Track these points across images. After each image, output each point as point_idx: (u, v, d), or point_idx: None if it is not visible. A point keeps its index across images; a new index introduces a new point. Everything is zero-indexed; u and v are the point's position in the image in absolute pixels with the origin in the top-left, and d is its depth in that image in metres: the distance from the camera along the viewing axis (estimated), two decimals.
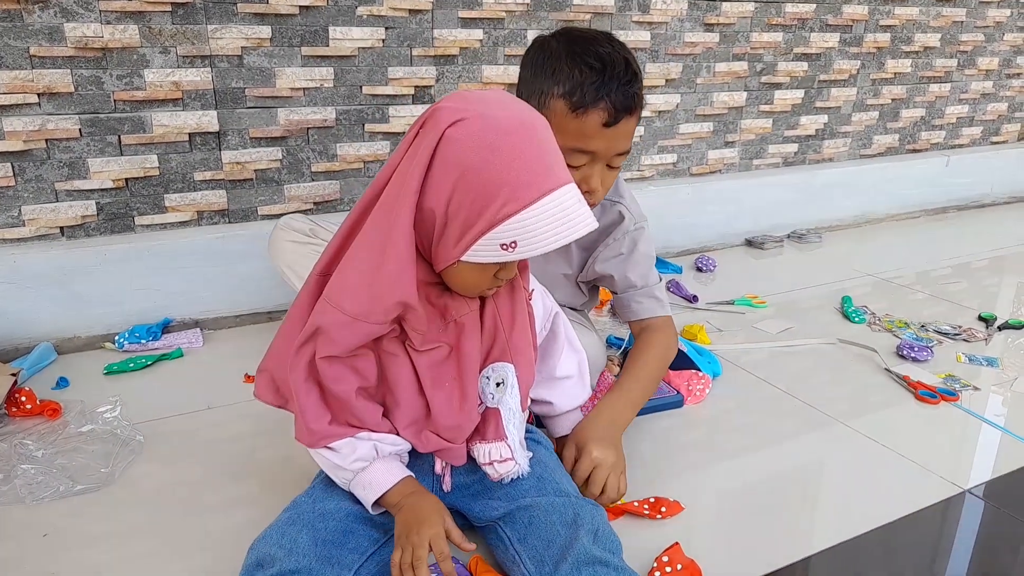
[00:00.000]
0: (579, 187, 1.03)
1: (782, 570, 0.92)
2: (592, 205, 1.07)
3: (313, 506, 0.87)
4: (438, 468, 0.93)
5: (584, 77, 1.02)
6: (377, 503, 0.87)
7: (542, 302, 1.00)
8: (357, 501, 0.88)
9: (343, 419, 0.86)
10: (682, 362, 1.37)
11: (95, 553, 0.93)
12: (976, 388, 1.39)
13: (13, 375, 1.25)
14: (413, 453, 0.91)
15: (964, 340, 1.61)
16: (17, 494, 1.02)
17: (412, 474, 0.89)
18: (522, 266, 0.93)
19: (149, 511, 1.01)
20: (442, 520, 0.83)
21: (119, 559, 0.92)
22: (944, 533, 1.03)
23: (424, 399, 0.88)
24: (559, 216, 0.76)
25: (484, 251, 0.77)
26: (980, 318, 1.73)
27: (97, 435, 1.17)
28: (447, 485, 0.93)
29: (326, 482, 0.91)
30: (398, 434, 0.89)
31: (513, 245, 0.76)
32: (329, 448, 0.86)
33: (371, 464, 0.87)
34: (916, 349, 1.50)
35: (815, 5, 2.24)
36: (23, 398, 1.23)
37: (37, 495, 1.02)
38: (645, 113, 2.06)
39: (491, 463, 0.90)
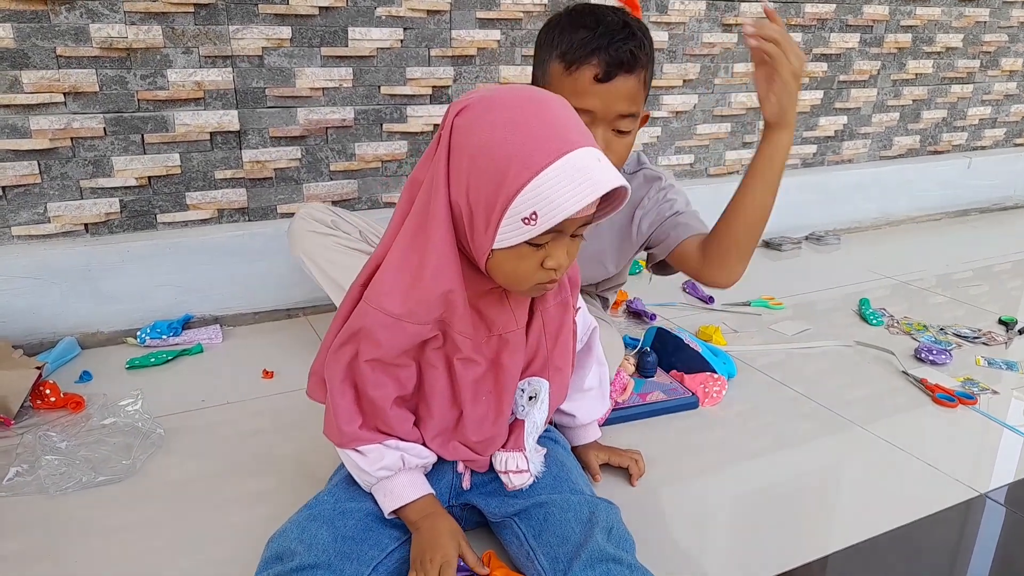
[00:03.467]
0: None
1: (797, 570, 0.92)
2: None
3: (335, 505, 0.87)
4: (460, 467, 0.93)
5: (576, 35, 1.05)
6: (394, 511, 0.87)
7: (583, 318, 1.00)
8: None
9: (373, 425, 0.86)
10: (697, 363, 1.37)
11: (115, 544, 0.95)
12: (995, 392, 1.38)
13: (38, 368, 1.28)
14: None
15: (984, 343, 1.59)
16: (41, 484, 1.04)
17: (433, 492, 0.89)
18: (573, 282, 0.93)
19: (169, 504, 1.03)
20: (456, 547, 0.84)
21: (139, 551, 0.94)
22: (962, 537, 1.02)
23: (456, 411, 0.88)
24: (575, 176, 0.71)
25: (509, 232, 0.73)
26: (1000, 322, 1.71)
27: (119, 428, 1.19)
28: (467, 483, 0.94)
29: (348, 481, 0.91)
30: (425, 444, 0.89)
31: (534, 216, 0.71)
32: (357, 451, 0.87)
33: (396, 474, 0.87)
34: (934, 352, 1.49)
35: (835, 5, 2.23)
36: (47, 391, 1.26)
37: (60, 486, 1.04)
38: (662, 113, 2.07)
39: (507, 472, 0.90)
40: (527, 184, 0.71)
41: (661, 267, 1.29)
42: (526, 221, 0.72)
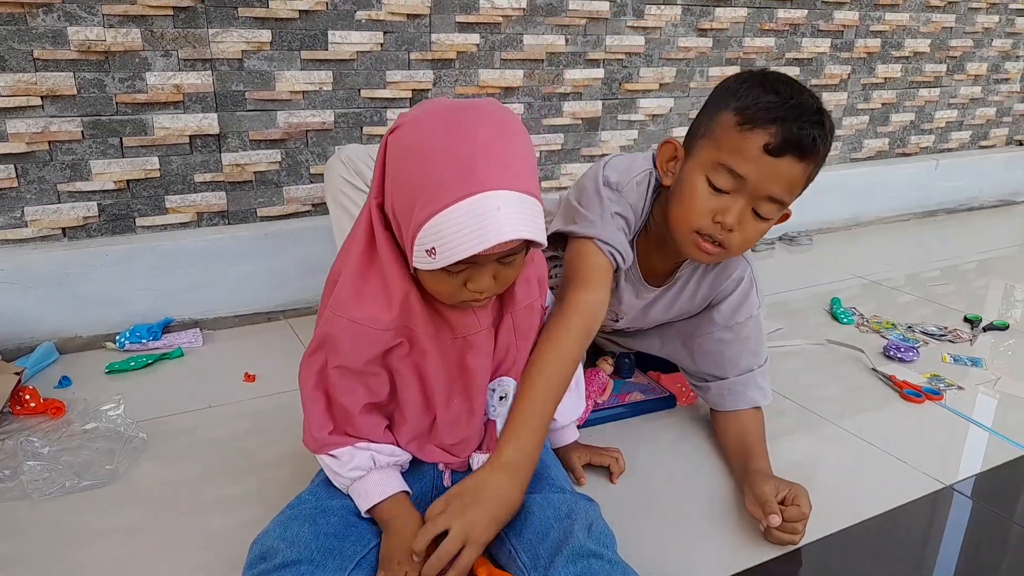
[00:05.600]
0: (712, 219, 0.98)
1: (771, 561, 0.95)
2: (723, 250, 1.02)
3: (316, 504, 0.89)
4: (441, 465, 0.95)
5: (764, 97, 0.95)
6: (368, 511, 0.89)
7: None
8: None
9: (343, 430, 0.88)
10: (673, 363, 1.40)
11: (99, 549, 0.95)
12: (960, 388, 1.43)
13: (17, 374, 1.27)
14: None
15: (950, 341, 1.64)
16: (24, 490, 1.04)
17: (405, 489, 0.91)
18: (541, 283, 0.94)
19: (151, 508, 1.03)
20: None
21: (122, 556, 0.94)
22: (929, 526, 1.06)
23: (430, 415, 0.90)
24: (471, 222, 0.71)
25: (419, 258, 0.75)
26: (966, 319, 1.77)
27: (101, 433, 1.19)
28: (447, 481, 0.96)
29: (329, 481, 0.93)
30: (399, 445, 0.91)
31: (433, 252, 0.73)
32: (331, 455, 0.88)
33: (367, 474, 0.89)
34: (902, 350, 1.53)
35: (807, 11, 2.28)
36: (27, 396, 1.25)
37: (44, 491, 1.04)
38: (639, 117, 2.10)
39: None
40: (427, 222, 0.72)
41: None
42: (429, 253, 0.73)
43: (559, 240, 1.12)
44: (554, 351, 0.96)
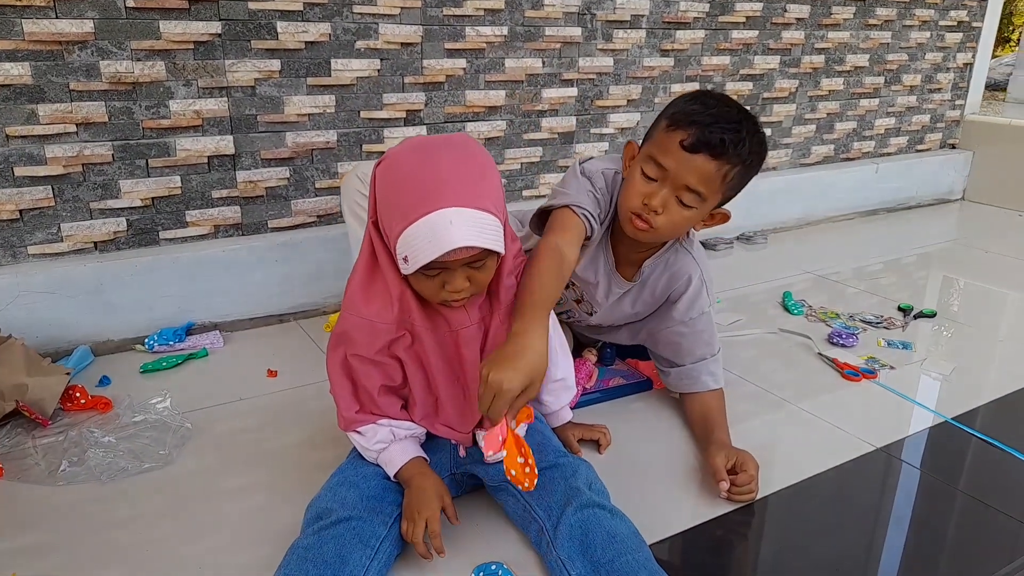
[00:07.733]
0: (643, 201, 1.19)
1: (734, 512, 1.16)
2: (652, 229, 1.21)
3: (356, 471, 1.08)
4: (455, 440, 1.14)
5: (691, 106, 1.17)
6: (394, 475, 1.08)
7: None
8: None
9: (369, 409, 1.07)
10: (648, 352, 1.60)
11: (157, 529, 1.12)
12: (892, 368, 1.65)
13: (66, 374, 1.42)
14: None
15: (885, 328, 1.87)
16: (92, 473, 1.20)
17: (422, 455, 1.10)
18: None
19: (202, 491, 1.19)
20: (439, 502, 1.03)
21: (175, 534, 1.11)
22: (862, 480, 1.27)
23: (433, 397, 1.09)
24: (427, 234, 0.90)
25: (401, 264, 0.94)
26: (899, 308, 2.00)
27: (150, 424, 1.34)
28: (463, 452, 1.14)
29: (360, 455, 1.11)
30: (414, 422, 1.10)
31: (407, 259, 0.92)
32: (358, 432, 1.08)
33: (389, 446, 1.08)
34: (844, 336, 1.76)
35: (758, 31, 2.51)
36: (77, 394, 1.40)
37: (109, 474, 1.20)
38: (609, 130, 2.30)
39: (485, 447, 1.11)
40: (400, 235, 0.92)
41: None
42: (404, 260, 0.93)
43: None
44: (531, 271, 1.09)
